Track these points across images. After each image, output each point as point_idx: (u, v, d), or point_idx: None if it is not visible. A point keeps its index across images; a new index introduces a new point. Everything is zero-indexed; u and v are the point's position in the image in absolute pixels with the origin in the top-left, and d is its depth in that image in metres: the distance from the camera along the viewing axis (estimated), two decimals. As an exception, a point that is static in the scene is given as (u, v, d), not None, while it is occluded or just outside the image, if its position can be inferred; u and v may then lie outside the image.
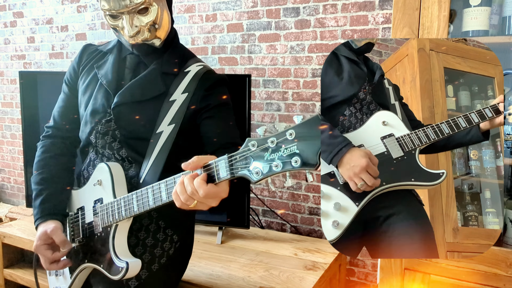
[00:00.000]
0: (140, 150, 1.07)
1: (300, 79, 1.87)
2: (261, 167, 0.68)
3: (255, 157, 0.69)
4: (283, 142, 0.66)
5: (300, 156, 0.64)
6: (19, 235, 1.86)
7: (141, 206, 0.94)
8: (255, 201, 2.02)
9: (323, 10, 1.78)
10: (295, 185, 1.93)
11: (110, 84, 1.10)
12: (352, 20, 1.73)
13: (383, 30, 1.68)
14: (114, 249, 1.00)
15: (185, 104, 1.07)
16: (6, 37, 2.81)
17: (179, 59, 1.13)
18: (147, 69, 1.11)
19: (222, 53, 2.06)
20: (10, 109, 2.85)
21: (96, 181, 1.07)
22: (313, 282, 1.39)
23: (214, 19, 2.05)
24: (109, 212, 1.01)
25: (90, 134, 1.11)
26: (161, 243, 1.10)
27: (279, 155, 0.66)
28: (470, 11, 1.20)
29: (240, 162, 0.72)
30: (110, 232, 1.01)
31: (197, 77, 1.10)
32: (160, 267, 1.10)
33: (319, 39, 1.81)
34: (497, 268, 1.11)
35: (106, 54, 1.17)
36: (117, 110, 1.08)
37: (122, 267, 0.96)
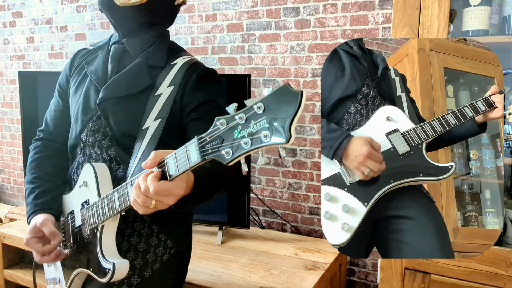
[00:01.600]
0: (128, 147, 1.03)
1: (300, 79, 1.86)
2: (230, 146, 0.63)
3: (225, 136, 0.64)
4: (252, 117, 0.60)
5: (269, 130, 0.58)
6: (19, 235, 1.86)
7: (121, 202, 0.89)
8: (255, 201, 2.02)
9: (323, 10, 1.78)
10: (295, 185, 1.93)
11: (100, 80, 1.07)
12: (352, 20, 1.73)
13: (383, 30, 1.68)
14: (102, 250, 0.97)
15: (171, 98, 1.01)
16: (6, 37, 2.81)
17: (167, 52, 1.08)
18: (132, 62, 1.06)
19: (222, 53, 2.05)
20: (10, 109, 2.85)
21: (82, 183, 1.04)
22: (313, 282, 1.39)
23: (214, 19, 2.05)
24: (94, 213, 0.98)
25: (81, 132, 1.07)
26: (153, 248, 1.06)
27: (249, 132, 0.60)
28: (470, 10, 1.20)
29: (210, 143, 0.66)
30: (97, 233, 0.98)
31: (183, 69, 1.04)
32: (153, 273, 1.06)
33: (319, 39, 1.81)
34: (497, 268, 1.11)
35: (96, 51, 1.14)
36: (103, 106, 1.03)
37: (109, 269, 0.93)
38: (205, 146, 0.67)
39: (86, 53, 1.17)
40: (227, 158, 0.63)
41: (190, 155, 0.70)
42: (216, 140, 0.65)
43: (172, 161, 0.73)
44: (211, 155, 0.66)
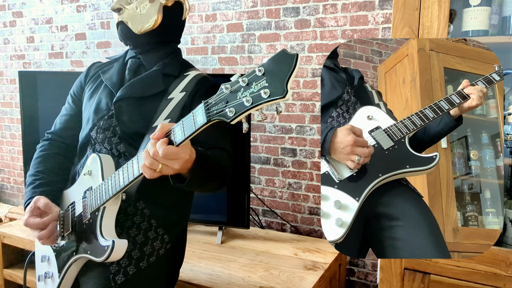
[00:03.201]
0: (138, 145, 1.10)
1: (300, 79, 1.87)
2: (233, 105, 0.71)
3: (230, 98, 0.72)
4: (253, 79, 0.69)
5: (268, 87, 0.67)
6: (19, 235, 1.86)
7: (126, 176, 0.95)
8: (255, 201, 2.02)
9: (323, 10, 1.78)
10: (295, 185, 1.93)
11: (114, 85, 1.16)
12: (352, 20, 1.73)
13: (383, 30, 1.68)
14: (101, 229, 1.00)
15: (182, 102, 1.11)
16: (6, 37, 2.81)
17: (180, 65, 1.20)
18: (148, 70, 1.16)
19: (222, 53, 2.05)
20: (10, 109, 2.85)
21: (86, 171, 1.09)
22: (313, 282, 1.39)
23: (214, 19, 2.05)
24: (97, 195, 1.03)
25: (91, 130, 1.14)
26: (151, 241, 1.10)
27: (250, 91, 0.69)
28: (470, 11, 1.20)
29: (215, 106, 0.74)
30: (98, 215, 1.02)
31: (195, 79, 1.15)
32: (149, 265, 1.09)
33: (319, 39, 1.81)
34: (497, 268, 1.11)
35: (112, 63, 1.24)
36: (118, 105, 1.12)
37: (108, 245, 0.96)
38: (211, 109, 0.74)
39: (101, 65, 1.27)
40: (230, 116, 0.71)
41: (196, 118, 0.77)
42: (221, 103, 0.73)
43: (179, 129, 0.81)
44: (216, 116, 0.73)
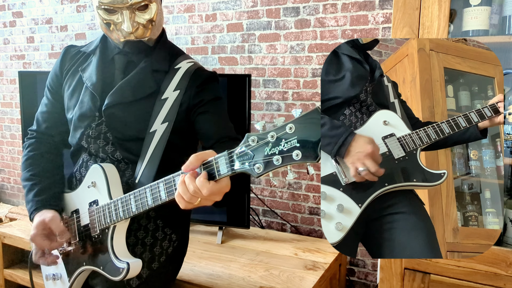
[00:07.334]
0: (135, 150, 1.06)
1: (300, 79, 1.86)
2: (262, 162, 0.68)
3: (256, 152, 0.70)
4: (283, 136, 0.67)
5: (300, 149, 0.64)
6: (19, 235, 1.86)
7: (139, 207, 0.94)
8: (255, 201, 2.02)
9: (323, 10, 1.78)
10: (295, 185, 1.93)
11: (95, 86, 1.08)
12: (352, 20, 1.73)
13: (383, 30, 1.68)
14: (113, 250, 0.99)
15: (177, 102, 1.06)
16: (6, 37, 2.81)
17: (169, 56, 1.12)
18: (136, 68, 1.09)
19: (222, 53, 2.05)
20: (10, 109, 2.85)
21: (90, 183, 1.05)
22: (313, 282, 1.39)
23: (214, 19, 2.05)
24: (106, 214, 1.00)
25: (81, 140, 1.10)
26: (160, 241, 1.11)
27: (280, 149, 0.66)
28: (470, 10, 1.20)
29: (240, 158, 0.72)
30: (108, 233, 1.00)
31: (188, 74, 1.09)
32: (160, 265, 1.11)
33: (319, 39, 1.81)
34: (497, 268, 1.11)
35: (89, 56, 1.16)
36: (109, 112, 1.06)
37: (123, 268, 0.96)
38: (234, 162, 0.73)
39: (77, 56, 1.17)
40: (257, 172, 0.69)
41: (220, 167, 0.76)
42: (246, 156, 0.71)
43: (223, 161, 0.77)
44: (240, 169, 0.72)
